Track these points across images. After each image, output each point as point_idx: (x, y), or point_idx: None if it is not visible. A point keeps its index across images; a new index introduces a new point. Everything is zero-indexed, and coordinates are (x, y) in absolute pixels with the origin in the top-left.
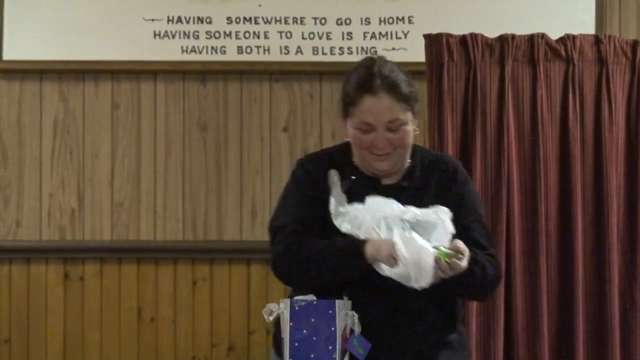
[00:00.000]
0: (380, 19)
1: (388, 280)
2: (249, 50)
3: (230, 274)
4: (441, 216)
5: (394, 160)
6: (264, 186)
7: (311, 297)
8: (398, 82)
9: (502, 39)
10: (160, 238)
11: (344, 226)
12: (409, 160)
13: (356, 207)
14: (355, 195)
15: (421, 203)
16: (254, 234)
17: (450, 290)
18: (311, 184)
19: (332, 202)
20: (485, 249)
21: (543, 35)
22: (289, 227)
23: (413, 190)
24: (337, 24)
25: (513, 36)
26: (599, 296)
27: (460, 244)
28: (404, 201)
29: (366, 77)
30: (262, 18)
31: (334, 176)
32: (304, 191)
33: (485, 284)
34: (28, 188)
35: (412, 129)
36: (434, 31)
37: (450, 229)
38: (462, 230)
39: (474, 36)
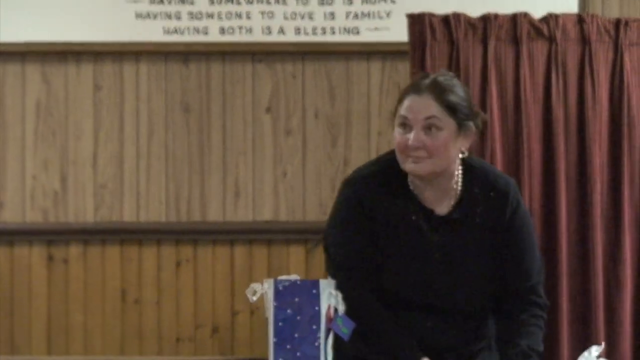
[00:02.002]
0: None
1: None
2: (231, 31)
3: (213, 255)
4: None
5: (428, 168)
6: (247, 167)
7: (295, 277)
8: (446, 88)
9: (485, 19)
10: (143, 219)
11: None
12: (460, 186)
13: None
14: (407, 225)
15: (471, 239)
16: (237, 214)
17: None
18: (362, 213)
19: None
20: (531, 279)
21: (526, 15)
22: (349, 271)
23: (463, 224)
24: (320, 4)
25: (496, 15)
26: (582, 274)
27: None
28: (455, 236)
29: (418, 80)
30: None
31: None
32: (357, 223)
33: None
34: (11, 170)
35: (452, 141)
36: (417, 11)
37: None
38: (511, 261)
39: (456, 16)
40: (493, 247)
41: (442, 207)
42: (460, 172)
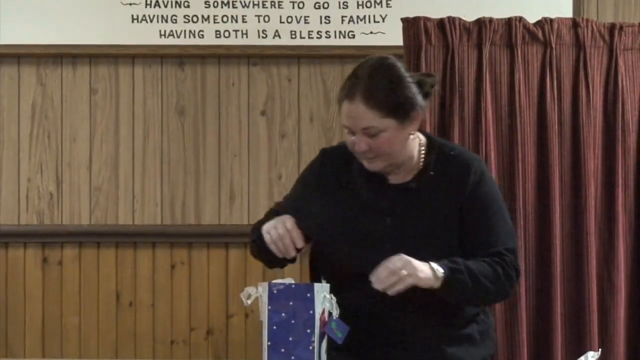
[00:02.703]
0: (358, 2)
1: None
2: (226, 34)
3: (208, 258)
4: None
5: (383, 163)
6: (242, 170)
7: (290, 281)
8: (375, 90)
9: (480, 23)
10: (138, 222)
11: None
12: (422, 158)
13: None
14: (359, 194)
15: (428, 206)
16: (232, 217)
17: (452, 303)
18: (316, 179)
19: None
20: (498, 244)
21: (521, 19)
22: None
23: (421, 192)
24: (315, 7)
25: (491, 20)
26: (576, 279)
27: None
28: (410, 203)
29: (349, 80)
30: (240, 2)
31: None
32: (305, 186)
33: (489, 290)
34: (6, 172)
35: (398, 136)
36: (412, 15)
37: None
38: (477, 230)
39: (451, 20)
40: (454, 217)
41: (399, 177)
42: (423, 149)
